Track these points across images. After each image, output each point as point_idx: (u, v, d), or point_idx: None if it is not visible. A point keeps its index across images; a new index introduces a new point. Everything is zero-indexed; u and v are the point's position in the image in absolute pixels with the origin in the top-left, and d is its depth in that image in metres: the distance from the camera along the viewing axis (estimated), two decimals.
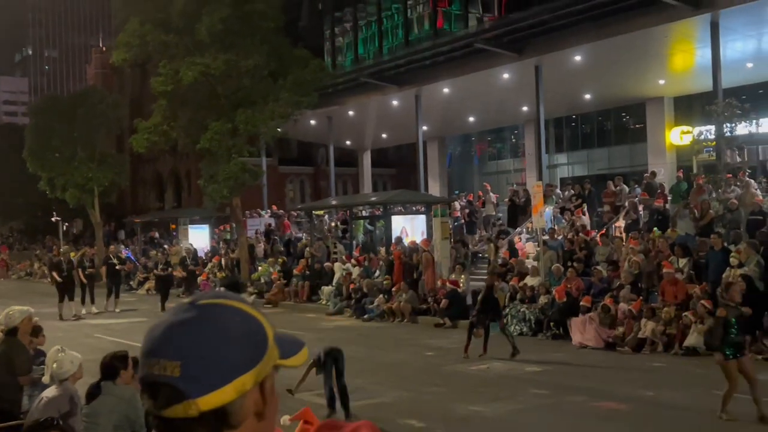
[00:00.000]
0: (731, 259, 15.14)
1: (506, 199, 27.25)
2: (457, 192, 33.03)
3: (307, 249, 26.45)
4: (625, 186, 23.32)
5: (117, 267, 24.70)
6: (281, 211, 34.55)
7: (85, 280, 23.32)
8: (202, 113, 25.75)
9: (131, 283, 31.20)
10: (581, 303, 15.96)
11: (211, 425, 1.13)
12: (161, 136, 26.37)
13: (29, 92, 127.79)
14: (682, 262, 16.23)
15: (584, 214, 22.58)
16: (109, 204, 41.40)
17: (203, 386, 1.12)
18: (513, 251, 21.47)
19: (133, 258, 33.01)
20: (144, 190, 53.28)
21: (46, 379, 6.12)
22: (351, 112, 34.42)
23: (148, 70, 36.31)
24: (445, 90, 29.92)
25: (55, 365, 5.89)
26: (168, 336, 1.16)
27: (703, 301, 14.27)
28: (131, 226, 41.06)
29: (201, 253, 31.28)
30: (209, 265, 29.25)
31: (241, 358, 1.16)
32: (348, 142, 40.66)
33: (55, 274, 23.01)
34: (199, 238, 32.16)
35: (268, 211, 35.10)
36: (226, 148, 25.21)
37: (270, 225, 31.94)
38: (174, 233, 33.34)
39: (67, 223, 45.53)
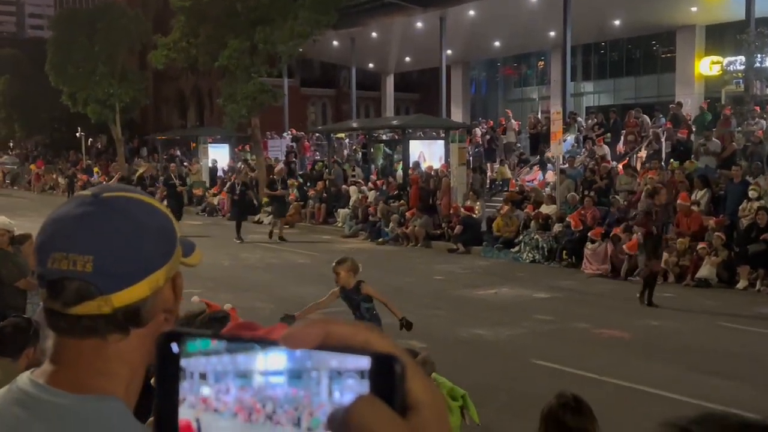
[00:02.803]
0: (750, 192, 14.88)
1: (527, 127, 26.89)
2: (480, 119, 32.61)
3: (326, 171, 26.39)
4: (645, 117, 22.85)
5: (178, 188, 22.77)
6: (301, 133, 34.38)
7: None
8: (221, 30, 25.37)
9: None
10: (589, 234, 15.81)
11: (121, 323, 1.08)
12: (180, 52, 26.10)
13: (54, 5, 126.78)
14: (700, 194, 15.98)
15: (605, 144, 22.23)
16: (131, 121, 41.48)
17: (117, 281, 1.06)
18: None
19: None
20: (167, 108, 53.23)
21: None
22: (374, 34, 33.81)
23: None
24: (471, 12, 29.22)
25: None
26: (76, 230, 1.08)
27: (718, 233, 14.09)
28: (153, 143, 41.18)
29: (220, 172, 31.36)
30: (228, 185, 29.35)
31: (154, 252, 1.10)
32: (371, 65, 40.07)
33: None
34: (219, 156, 32.17)
35: (289, 132, 34.96)
36: (244, 66, 24.92)
37: (292, 147, 31.86)
38: (194, 151, 33.38)
39: (91, 139, 45.78)
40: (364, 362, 0.54)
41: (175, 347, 0.59)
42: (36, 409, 1.03)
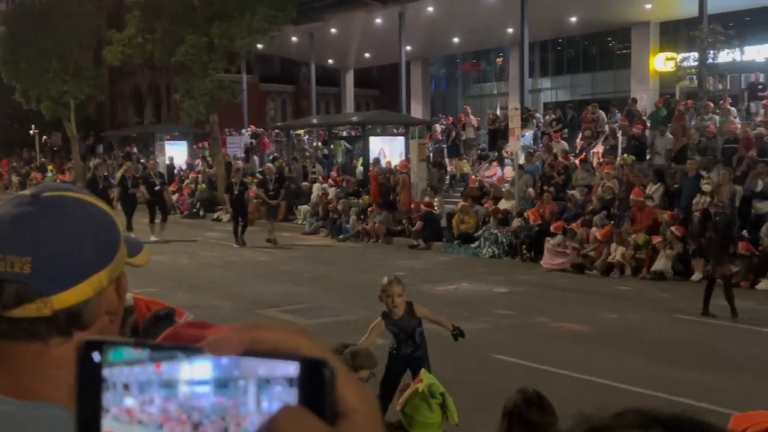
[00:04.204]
0: (704, 186, 15.14)
1: (486, 123, 27.05)
2: (440, 115, 32.72)
3: (286, 169, 26.25)
4: (601, 112, 23.16)
5: (157, 187, 20.65)
6: (260, 129, 34.14)
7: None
8: (177, 26, 25.06)
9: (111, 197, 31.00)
10: (551, 228, 15.98)
11: (62, 325, 1.04)
12: (136, 48, 25.72)
13: (6, 0, 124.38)
14: (654, 188, 16.23)
15: (563, 140, 22.48)
16: (87, 118, 40.76)
17: (58, 283, 1.02)
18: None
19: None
20: (123, 105, 52.45)
21: None
22: (333, 30, 33.70)
23: None
24: (430, 8, 29.30)
25: None
26: (13, 230, 1.03)
27: (672, 228, 14.33)
28: (109, 140, 40.54)
29: (177, 170, 31.01)
30: (186, 181, 29.06)
31: (96, 253, 1.06)
32: (330, 61, 39.95)
33: None
34: (176, 154, 31.81)
35: (249, 129, 34.70)
36: (201, 63, 24.64)
37: (251, 143, 31.63)
38: (151, 148, 32.95)
39: (45, 136, 44.91)
40: (293, 369, 0.52)
41: (96, 356, 0.57)
42: None
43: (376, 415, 0.57)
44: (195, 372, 0.54)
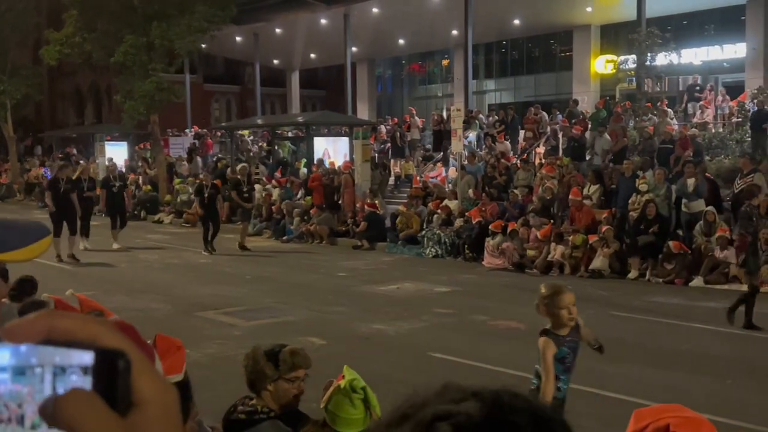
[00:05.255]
0: (640, 186, 15.45)
1: (431, 125, 27.20)
2: (387, 116, 32.81)
3: (228, 169, 25.99)
4: (544, 114, 23.50)
5: (115, 190, 19.10)
6: (204, 130, 33.77)
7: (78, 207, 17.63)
8: (117, 25, 24.60)
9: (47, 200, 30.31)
10: (490, 227, 16.12)
11: None
12: (74, 48, 25.18)
13: None
14: (593, 188, 16.51)
15: (506, 140, 22.73)
16: (25, 118, 39.76)
17: None
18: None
19: (49, 176, 31.96)
20: (63, 105, 51.33)
21: None
22: (278, 30, 33.55)
23: None
24: (375, 10, 29.37)
25: None
26: None
27: (607, 226, 14.61)
28: (48, 141, 39.63)
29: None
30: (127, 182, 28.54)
31: None
32: (276, 62, 39.74)
33: (48, 197, 17.50)
34: (116, 155, 31.22)
35: (192, 129, 34.28)
36: (141, 63, 24.23)
37: (194, 144, 31.24)
38: (90, 150, 32.29)
39: None
40: (89, 358, 0.53)
41: None
42: None
43: (173, 407, 0.57)
44: None
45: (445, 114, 27.81)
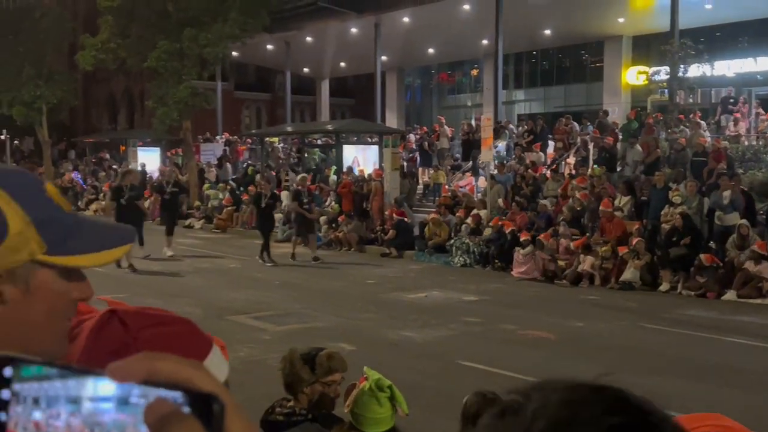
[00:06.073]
0: (674, 198, 15.33)
1: (460, 134, 27.19)
2: (414, 125, 32.84)
3: (258, 176, 26.19)
4: (575, 124, 23.41)
5: (167, 196, 18.58)
6: (234, 137, 34.06)
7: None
8: (151, 31, 24.94)
9: (79, 204, 30.75)
10: (521, 238, 16.08)
11: None
12: (109, 53, 25.55)
13: None
14: (624, 200, 16.41)
15: (540, 151, 22.68)
16: (60, 123, 40.35)
17: None
18: None
19: (80, 179, 32.45)
20: (97, 111, 52.07)
21: None
22: (309, 39, 33.76)
23: None
24: (405, 19, 29.44)
25: None
26: None
27: (638, 238, 14.51)
28: (82, 146, 40.18)
29: (149, 177, 30.81)
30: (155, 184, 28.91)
31: None
32: (306, 70, 39.99)
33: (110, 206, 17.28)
34: (149, 160, 31.62)
35: (223, 136, 34.59)
36: (174, 69, 24.52)
37: (224, 151, 31.52)
38: (124, 155, 32.71)
39: (16, 141, 44.42)
40: (182, 399, 0.57)
41: (7, 371, 0.60)
42: None
43: None
44: (99, 389, 0.58)
45: (473, 123, 27.81)
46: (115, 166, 31.91)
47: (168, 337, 1.54)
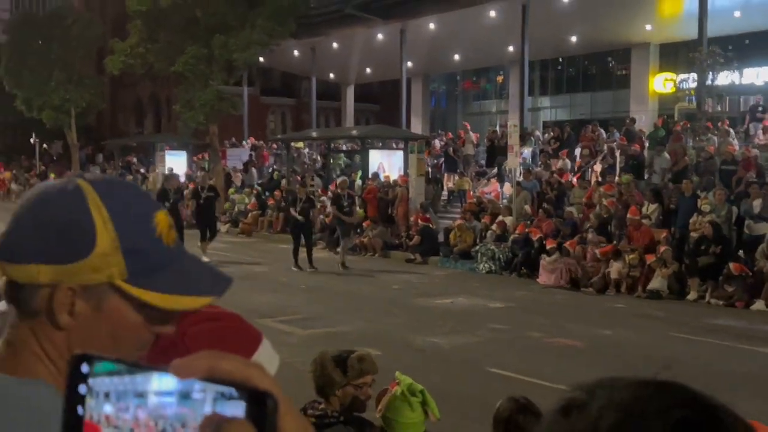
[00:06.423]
0: (703, 206, 15.20)
1: (486, 140, 27.13)
2: (439, 131, 32.83)
3: (283, 180, 26.33)
4: (602, 131, 23.29)
5: (202, 201, 18.34)
6: (260, 142, 34.25)
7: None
8: (179, 36, 25.19)
9: None
10: (547, 245, 16.02)
11: (13, 296, 1.08)
12: (137, 58, 25.84)
13: (10, 9, 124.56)
14: (652, 207, 16.29)
15: (566, 158, 22.58)
16: (88, 127, 40.83)
17: (10, 255, 1.05)
18: None
19: None
20: (124, 115, 52.64)
21: None
22: (335, 44, 33.87)
23: None
24: (431, 25, 29.45)
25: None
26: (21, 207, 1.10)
27: (665, 247, 14.40)
28: (109, 150, 40.63)
29: None
30: (185, 192, 29.09)
31: (38, 245, 1.04)
32: (332, 75, 40.11)
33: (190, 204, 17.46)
34: (176, 164, 31.87)
35: (249, 141, 34.81)
36: (201, 73, 24.74)
37: (250, 156, 31.71)
38: (150, 159, 33.01)
39: (45, 144, 45.02)
40: (245, 394, 0.61)
41: (84, 367, 0.65)
42: None
43: None
44: (162, 384, 0.63)
45: (498, 130, 27.74)
46: (142, 170, 32.21)
47: (217, 333, 1.57)
